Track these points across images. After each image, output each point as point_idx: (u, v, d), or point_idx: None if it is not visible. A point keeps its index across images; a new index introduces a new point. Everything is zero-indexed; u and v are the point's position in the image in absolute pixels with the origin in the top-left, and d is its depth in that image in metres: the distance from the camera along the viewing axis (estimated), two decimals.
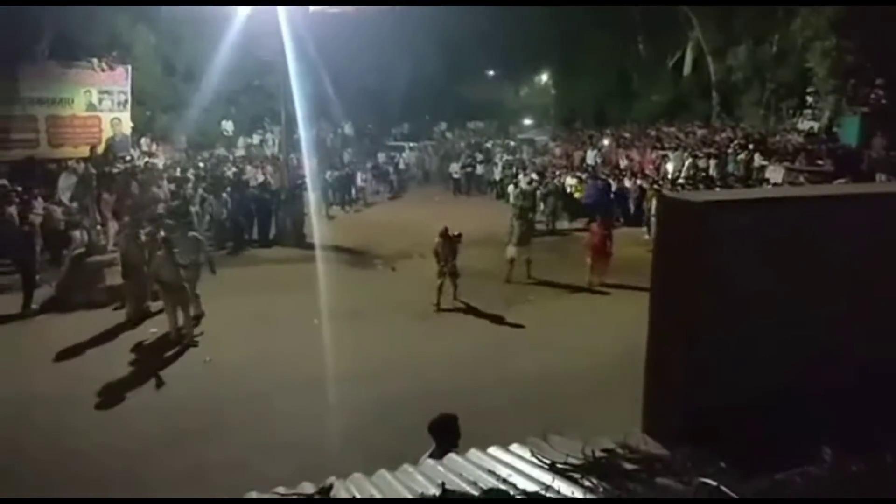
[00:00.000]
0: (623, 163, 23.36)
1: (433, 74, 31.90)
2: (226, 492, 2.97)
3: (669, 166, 20.90)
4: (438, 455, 3.73)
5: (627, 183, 19.68)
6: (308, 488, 2.88)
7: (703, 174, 18.97)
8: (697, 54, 29.69)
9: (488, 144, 31.17)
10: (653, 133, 26.58)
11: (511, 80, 40.23)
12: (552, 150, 29.40)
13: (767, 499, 2.20)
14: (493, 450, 3.23)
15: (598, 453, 2.71)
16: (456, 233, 11.51)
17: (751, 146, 20.17)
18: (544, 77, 41.02)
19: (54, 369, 8.76)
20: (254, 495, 2.91)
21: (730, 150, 20.50)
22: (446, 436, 4.19)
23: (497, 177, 24.69)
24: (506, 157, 27.37)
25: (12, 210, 13.61)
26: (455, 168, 26.28)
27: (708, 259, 3.01)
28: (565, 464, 2.68)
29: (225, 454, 6.59)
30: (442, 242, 11.36)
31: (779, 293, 3.09)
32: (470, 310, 11.23)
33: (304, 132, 21.75)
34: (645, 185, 18.72)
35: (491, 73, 39.86)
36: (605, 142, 27.15)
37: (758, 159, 18.87)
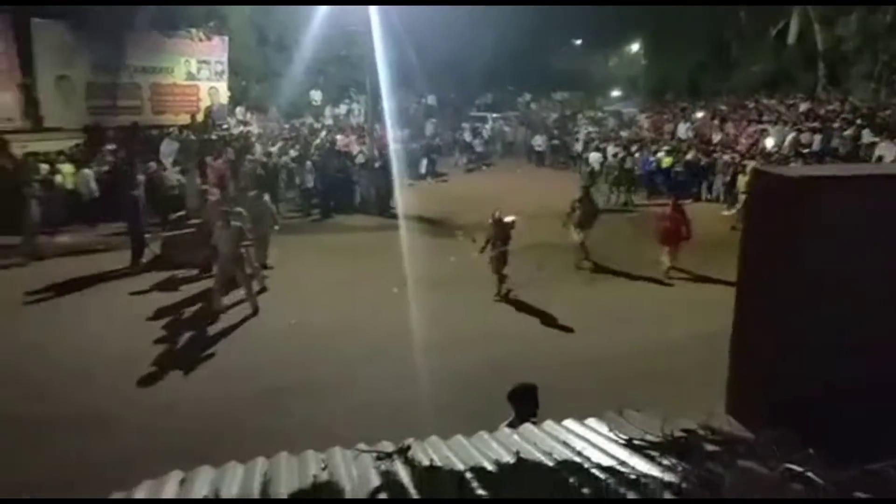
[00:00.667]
0: (717, 137, 22.29)
1: (518, 44, 31.34)
2: (312, 446, 3.13)
3: (769, 141, 19.76)
4: (517, 424, 3.78)
5: (720, 157, 18.78)
6: (388, 447, 2.99)
7: (806, 150, 17.87)
8: (804, 23, 27.74)
9: (572, 115, 30.48)
10: (751, 106, 25.19)
11: (599, 50, 38.91)
12: (640, 122, 28.41)
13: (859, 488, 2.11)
14: (568, 422, 3.24)
15: (678, 432, 2.67)
16: (510, 218, 10.66)
17: (859, 121, 18.80)
18: (635, 46, 39.46)
19: (150, 327, 9.34)
20: (337, 451, 3.06)
21: (836, 125, 19.18)
22: (525, 405, 4.22)
23: (580, 149, 24.17)
24: (590, 129, 26.70)
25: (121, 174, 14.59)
26: (538, 140, 25.94)
27: (803, 239, 2.85)
28: (643, 440, 2.66)
29: (310, 411, 6.90)
30: (494, 227, 10.50)
31: (879, 279, 2.90)
32: (546, 284, 11.15)
33: (388, 102, 21.95)
34: (737, 160, 17.81)
35: (578, 42, 38.72)
36: (699, 114, 25.95)
37: (867, 135, 17.58)
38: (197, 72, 21.03)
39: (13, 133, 16.74)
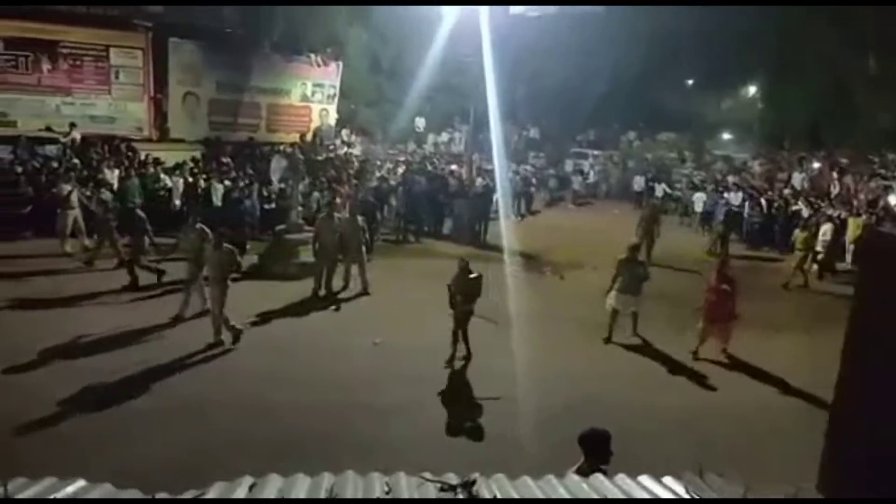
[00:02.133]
0: (835, 190, 20.97)
1: (627, 81, 30.86)
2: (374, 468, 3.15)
3: (893, 199, 18.38)
4: (586, 471, 3.65)
5: (830, 210, 17.57)
6: (452, 479, 2.96)
7: None
8: None
9: (677, 156, 29.59)
10: (876, 160, 23.54)
11: (713, 91, 37.50)
12: (752, 168, 27.16)
13: None
14: (643, 479, 3.09)
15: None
16: (473, 273, 9.00)
17: None
18: (752, 89, 37.93)
19: (248, 329, 9.77)
20: (402, 477, 3.05)
21: None
22: (596, 452, 4.06)
23: (679, 194, 23.37)
24: (696, 173, 25.82)
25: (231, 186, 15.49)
26: (639, 181, 25.32)
27: None
28: None
29: (385, 433, 6.98)
30: (457, 277, 9.00)
31: None
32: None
33: (490, 133, 22.16)
34: (844, 215, 16.62)
35: (690, 82, 37.67)
36: (816, 164, 24.53)
37: None
38: (311, 94, 22.15)
39: (140, 141, 18.24)
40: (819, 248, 14.91)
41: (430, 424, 7.27)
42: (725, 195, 20.06)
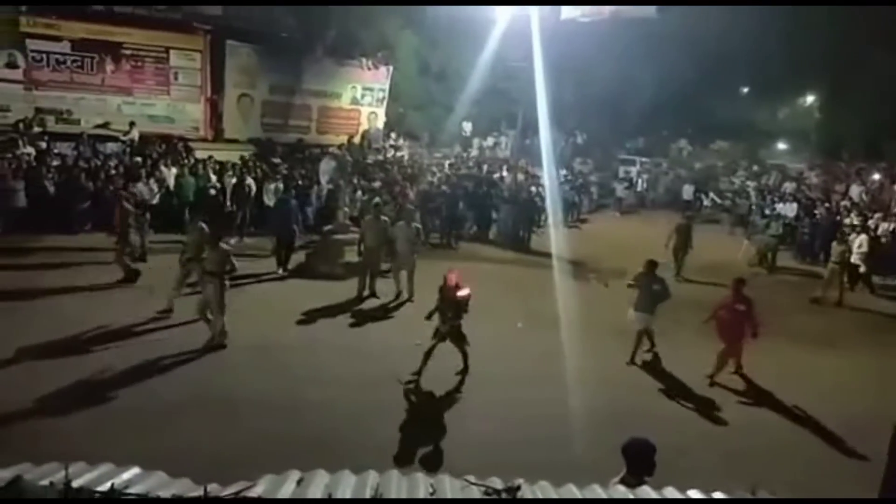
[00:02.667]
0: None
1: (679, 88, 30.24)
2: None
3: None
4: (631, 482, 3.59)
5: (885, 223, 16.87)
6: (497, 483, 2.96)
7: None
8: None
9: (728, 165, 28.86)
10: None
11: (768, 100, 36.47)
12: (809, 179, 26.35)
13: None
14: (693, 492, 3.03)
15: None
16: (464, 291, 8.46)
17: None
18: (809, 98, 36.80)
19: (292, 328, 10.02)
20: (446, 479, 3.07)
21: None
22: (640, 464, 3.99)
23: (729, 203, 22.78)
24: (748, 183, 25.15)
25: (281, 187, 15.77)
26: (688, 189, 24.81)
27: None
28: None
29: (420, 433, 7.05)
30: (441, 296, 8.57)
31: None
32: (675, 340, 10.58)
33: (537, 138, 22.04)
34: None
35: (745, 90, 36.73)
36: (876, 176, 23.64)
37: None
38: (361, 97, 22.43)
39: (196, 141, 18.79)
40: (855, 260, 14.40)
41: (461, 427, 7.30)
42: (778, 206, 19.50)
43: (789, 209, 19.06)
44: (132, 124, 17.65)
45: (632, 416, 7.33)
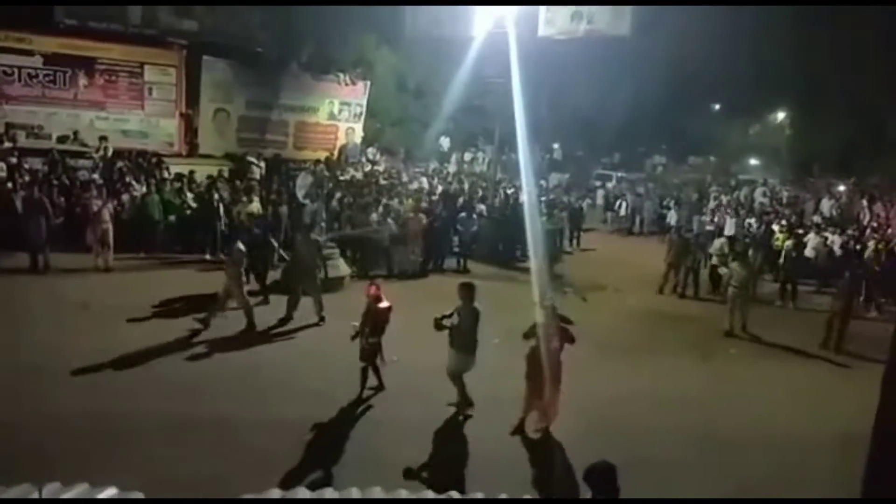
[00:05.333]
0: (865, 217, 20.60)
1: (654, 105, 30.81)
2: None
3: None
4: None
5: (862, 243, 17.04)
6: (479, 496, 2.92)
7: None
8: None
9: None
10: None
11: (740, 116, 37.34)
12: (778, 194, 26.80)
13: None
14: None
15: None
16: (385, 303, 8.30)
17: None
18: (780, 115, 37.65)
19: (269, 347, 9.90)
20: (455, 495, 3.02)
21: None
22: (606, 486, 3.76)
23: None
24: (723, 197, 25.32)
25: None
26: (672, 215, 23.92)
27: None
28: None
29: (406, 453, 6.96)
30: (367, 310, 8.32)
31: None
32: (656, 351, 10.63)
33: (515, 154, 22.07)
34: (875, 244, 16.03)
35: (717, 106, 37.48)
36: (841, 188, 24.12)
37: None
38: (338, 113, 22.38)
39: (171, 157, 18.56)
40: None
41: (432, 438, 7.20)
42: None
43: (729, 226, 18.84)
44: (103, 139, 17.32)
45: (616, 430, 7.30)
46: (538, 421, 7.55)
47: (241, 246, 10.75)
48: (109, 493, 2.94)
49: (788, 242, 15.91)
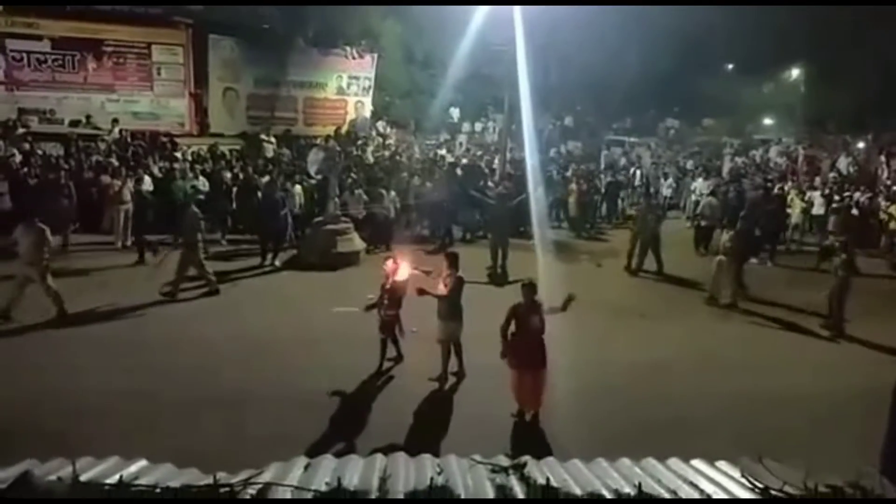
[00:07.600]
0: (883, 174, 20.31)
1: (665, 66, 30.21)
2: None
3: None
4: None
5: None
6: (503, 461, 2.97)
7: None
8: None
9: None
10: None
11: (753, 76, 36.52)
12: (794, 153, 26.44)
13: None
14: (697, 462, 3.06)
15: (822, 488, 2.44)
16: (405, 276, 8.18)
17: None
18: (794, 73, 36.88)
19: (280, 319, 10.01)
20: (453, 459, 3.08)
21: None
22: None
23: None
24: (737, 159, 25.05)
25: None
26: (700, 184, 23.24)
27: None
28: (781, 491, 2.45)
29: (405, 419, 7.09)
30: (385, 283, 8.23)
31: None
32: (670, 315, 10.61)
33: (524, 122, 21.75)
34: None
35: (730, 66, 36.78)
36: (861, 145, 23.72)
37: None
38: (347, 87, 22.27)
39: (181, 136, 18.62)
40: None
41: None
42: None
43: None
44: (115, 121, 17.44)
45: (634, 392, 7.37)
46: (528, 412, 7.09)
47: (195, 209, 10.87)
48: (139, 465, 3.02)
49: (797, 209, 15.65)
